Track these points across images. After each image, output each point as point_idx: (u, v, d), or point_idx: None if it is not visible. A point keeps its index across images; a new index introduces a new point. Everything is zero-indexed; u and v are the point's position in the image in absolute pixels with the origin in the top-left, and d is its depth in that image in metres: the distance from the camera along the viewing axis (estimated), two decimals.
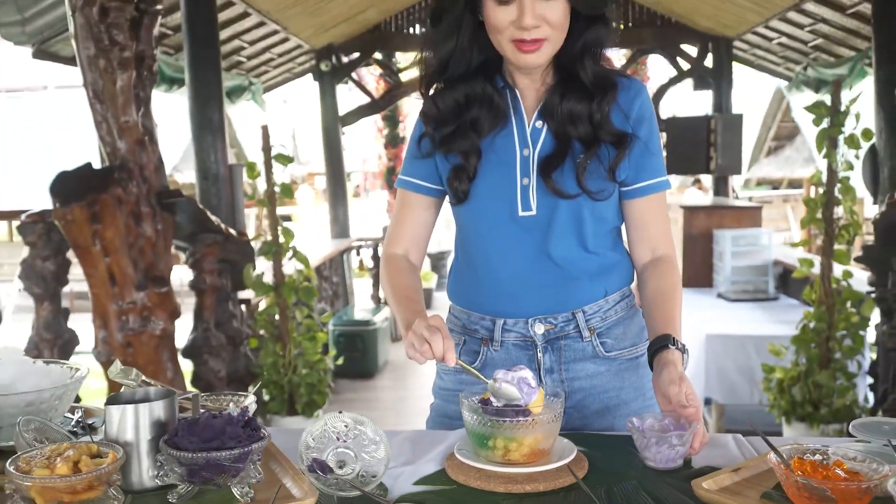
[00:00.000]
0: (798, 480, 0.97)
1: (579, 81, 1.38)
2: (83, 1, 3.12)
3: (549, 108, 1.40)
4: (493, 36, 1.35)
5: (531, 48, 1.32)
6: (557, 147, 1.39)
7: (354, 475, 1.12)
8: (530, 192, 1.39)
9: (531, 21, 1.29)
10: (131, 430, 1.10)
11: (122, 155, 3.23)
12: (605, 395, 1.45)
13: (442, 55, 1.39)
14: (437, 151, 1.44)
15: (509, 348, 1.45)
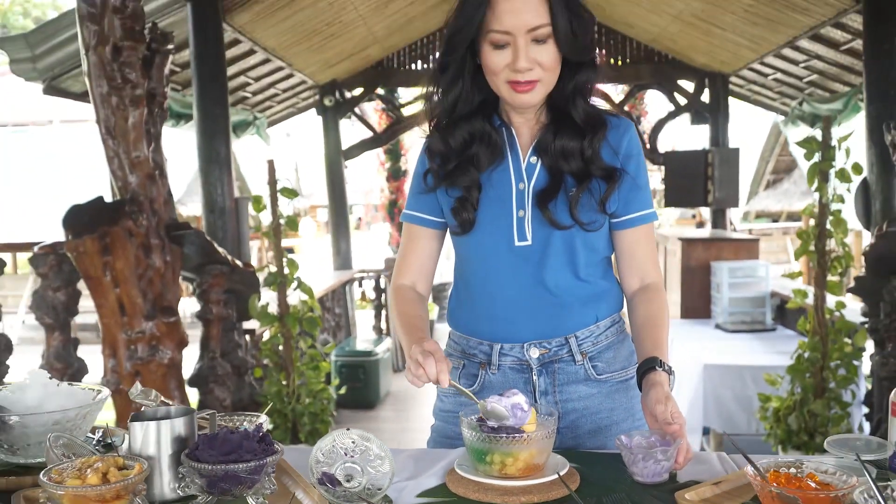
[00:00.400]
0: (772, 490, 1.05)
1: (571, 120, 1.48)
2: (96, 40, 3.23)
3: (543, 144, 1.50)
4: (491, 78, 1.45)
5: (525, 89, 1.42)
6: (551, 181, 1.48)
7: (361, 488, 1.19)
8: (526, 223, 1.48)
9: (525, 64, 1.39)
10: (154, 444, 1.18)
11: (132, 189, 3.33)
12: (597, 415, 1.53)
13: (450, 98, 1.50)
14: (440, 186, 1.53)
15: (506, 371, 1.53)
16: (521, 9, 1.37)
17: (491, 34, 1.40)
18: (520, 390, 1.31)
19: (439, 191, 1.54)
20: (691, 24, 6.39)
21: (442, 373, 1.30)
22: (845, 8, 4.74)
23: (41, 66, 5.12)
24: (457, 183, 1.51)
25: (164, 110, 3.48)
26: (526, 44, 1.39)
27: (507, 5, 1.38)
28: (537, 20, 1.38)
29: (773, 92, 7.65)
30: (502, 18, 1.38)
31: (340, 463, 1.21)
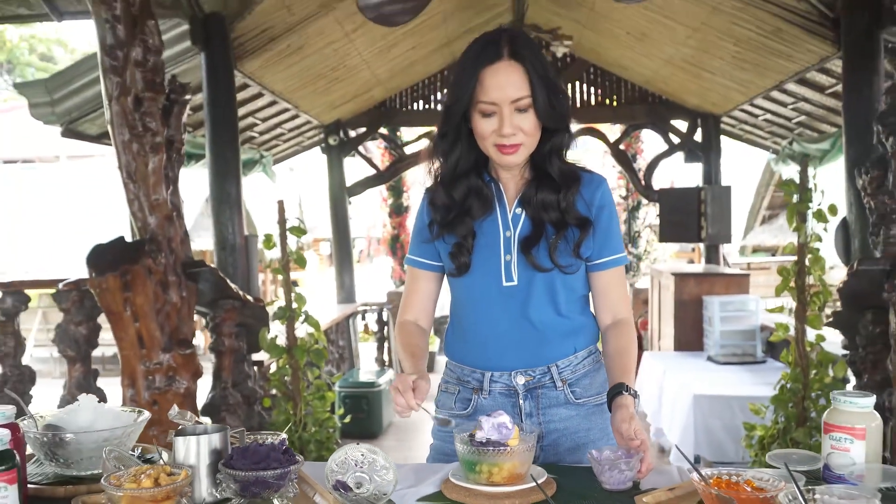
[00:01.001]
0: (713, 492, 1.26)
1: (549, 176, 1.72)
2: (119, 91, 3.48)
3: (527, 197, 1.73)
4: (480, 142, 1.69)
5: (510, 151, 1.65)
6: (533, 229, 1.72)
7: (369, 493, 1.40)
8: (512, 266, 1.71)
9: (509, 130, 1.62)
10: (194, 456, 1.40)
11: (151, 229, 3.56)
12: (575, 435, 1.74)
13: (451, 159, 1.73)
14: (441, 236, 1.76)
15: (496, 396, 1.74)
16: (505, 84, 1.60)
17: (480, 105, 1.63)
18: (507, 413, 1.52)
19: (439, 240, 1.77)
20: (682, 68, 6.67)
21: (410, 400, 1.52)
22: (827, 55, 5.00)
23: (59, 111, 5.39)
24: (455, 231, 1.74)
25: (181, 156, 3.72)
26: (510, 113, 1.62)
27: (494, 81, 1.61)
28: (519, 93, 1.61)
29: (764, 131, 7.90)
30: (489, 92, 1.61)
31: (351, 472, 1.42)
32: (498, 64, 1.61)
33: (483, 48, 1.64)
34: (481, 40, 1.67)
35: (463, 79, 1.64)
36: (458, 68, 1.68)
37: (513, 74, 1.61)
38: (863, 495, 1.22)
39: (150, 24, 3.35)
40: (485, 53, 1.63)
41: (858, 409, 1.42)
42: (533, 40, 1.70)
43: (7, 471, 1.28)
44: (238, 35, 4.78)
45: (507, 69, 1.61)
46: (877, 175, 3.29)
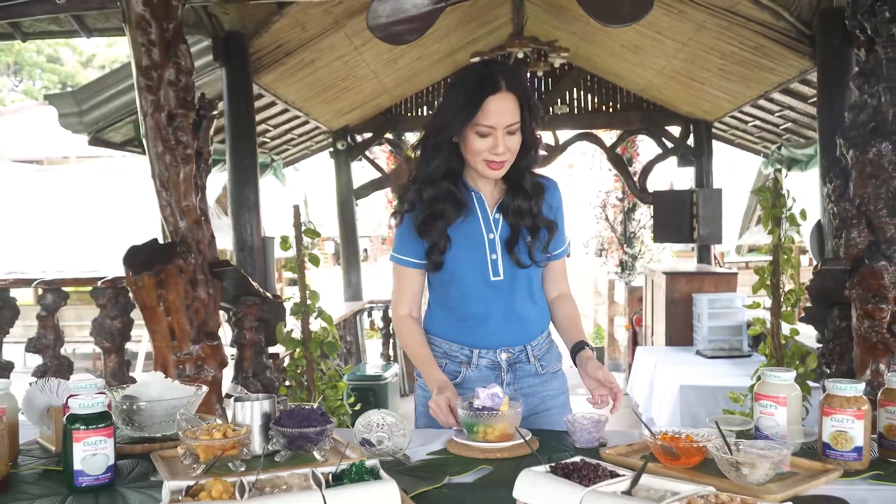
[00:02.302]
0: (658, 443, 1.61)
1: (523, 187, 2.08)
2: (153, 108, 3.82)
3: (505, 205, 2.11)
4: (471, 156, 2.02)
5: (497, 167, 2.01)
6: (511, 232, 2.09)
7: (388, 449, 1.76)
8: (498, 264, 2.09)
9: (502, 150, 1.98)
10: (249, 417, 1.75)
11: (182, 232, 3.91)
12: (539, 395, 2.15)
13: (432, 165, 2.05)
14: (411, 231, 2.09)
15: (482, 369, 2.13)
16: (502, 110, 1.95)
17: (478, 127, 1.96)
18: (492, 383, 1.91)
19: (418, 239, 2.10)
20: (673, 78, 7.02)
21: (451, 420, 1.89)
22: (806, 69, 5.34)
23: (87, 120, 5.75)
24: (428, 235, 2.07)
25: (209, 165, 4.07)
26: (503, 135, 1.97)
27: (494, 108, 1.94)
28: (513, 119, 1.97)
29: (754, 136, 8.25)
30: (489, 117, 1.94)
31: (374, 432, 1.77)
32: (498, 94, 1.94)
33: (484, 79, 1.95)
34: (479, 71, 1.99)
35: (466, 104, 1.95)
36: (459, 94, 1.98)
37: (509, 103, 1.95)
38: (776, 446, 1.57)
39: (183, 47, 3.69)
40: (487, 84, 1.94)
41: (781, 382, 1.78)
42: (521, 74, 2.08)
43: (106, 427, 1.63)
44: (256, 51, 5.13)
45: (505, 99, 1.95)
46: (839, 184, 3.62)
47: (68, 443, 1.57)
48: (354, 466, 1.48)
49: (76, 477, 1.57)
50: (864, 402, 1.63)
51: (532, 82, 8.12)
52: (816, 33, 4.88)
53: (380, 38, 4.62)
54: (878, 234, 3.52)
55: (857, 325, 3.61)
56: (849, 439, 1.61)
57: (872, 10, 3.44)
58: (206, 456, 1.61)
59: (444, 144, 2.02)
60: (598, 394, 1.94)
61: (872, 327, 3.51)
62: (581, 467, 1.44)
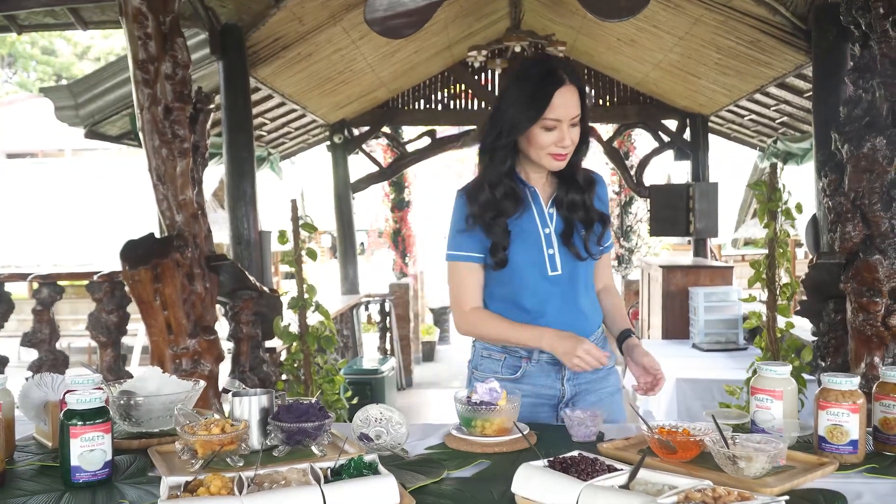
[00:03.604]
0: (655, 437, 1.62)
1: (575, 180, 2.10)
2: (150, 102, 3.81)
3: (559, 199, 2.12)
4: (536, 151, 2.02)
5: (563, 158, 2.03)
6: (566, 226, 2.10)
7: (386, 443, 1.76)
8: (556, 258, 2.09)
9: (569, 142, 2.00)
10: (247, 412, 1.75)
11: (179, 226, 3.90)
12: (597, 391, 2.16)
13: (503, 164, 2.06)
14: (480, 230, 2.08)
15: (543, 364, 2.12)
16: (569, 103, 1.97)
17: (545, 121, 1.97)
18: (550, 377, 2.06)
19: (480, 236, 2.09)
20: (670, 72, 7.02)
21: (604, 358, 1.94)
22: (801, 63, 5.35)
23: (83, 114, 5.73)
24: (492, 232, 2.07)
25: (205, 159, 4.07)
26: (568, 128, 1.98)
27: (561, 100, 1.95)
28: (577, 111, 1.99)
29: (750, 130, 8.25)
30: (556, 110, 1.96)
31: (372, 426, 1.78)
32: (563, 88, 1.96)
33: (548, 74, 1.97)
34: (540, 67, 2.00)
35: (533, 99, 1.96)
36: (524, 90, 1.98)
37: (573, 96, 1.98)
38: (773, 439, 1.58)
39: (179, 41, 3.69)
40: (552, 78, 1.96)
41: (777, 376, 1.78)
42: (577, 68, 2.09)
43: (104, 422, 1.63)
44: (253, 44, 5.12)
45: (569, 92, 1.97)
46: (834, 178, 3.64)
47: (65, 438, 1.57)
48: (353, 461, 1.48)
49: (73, 473, 1.57)
50: (860, 396, 1.64)
51: None
52: (812, 28, 4.88)
53: (377, 31, 4.62)
54: (873, 228, 3.54)
55: (851, 319, 3.62)
56: (844, 433, 1.62)
57: (867, 6, 3.45)
58: (204, 451, 1.61)
59: (512, 143, 2.04)
60: (643, 380, 2.02)
61: (867, 320, 3.53)
62: (579, 461, 1.45)
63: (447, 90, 8.31)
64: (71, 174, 14.18)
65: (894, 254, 3.48)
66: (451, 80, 8.27)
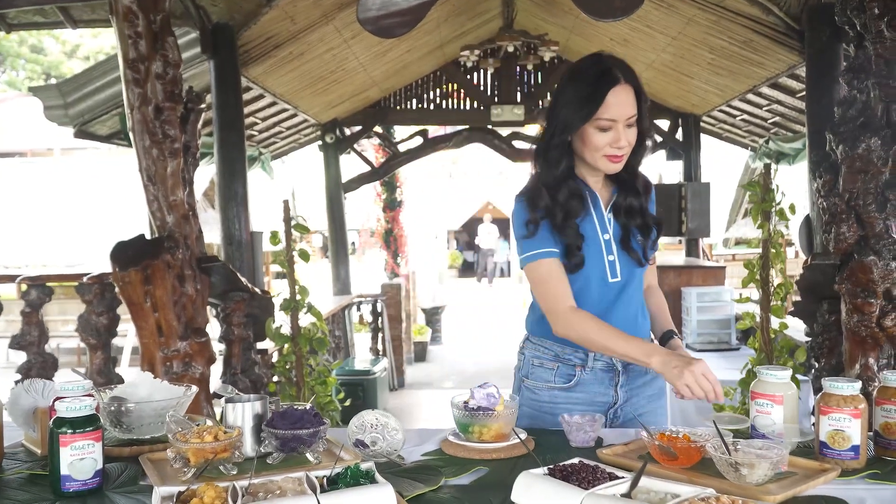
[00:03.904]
0: (655, 443, 1.60)
1: (631, 184, 2.06)
2: (140, 101, 3.77)
3: (618, 205, 2.07)
4: (590, 153, 1.97)
5: (618, 160, 1.97)
6: (623, 232, 2.06)
7: (382, 450, 1.73)
8: (616, 265, 2.05)
9: (625, 143, 1.94)
10: (241, 418, 1.72)
11: (170, 227, 3.86)
12: (644, 394, 2.15)
13: (560, 166, 1.99)
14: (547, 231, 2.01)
15: (597, 371, 2.09)
16: (624, 102, 1.92)
17: (599, 121, 1.91)
18: (604, 384, 2.03)
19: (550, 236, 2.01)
20: (663, 72, 7.01)
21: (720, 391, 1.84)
22: (794, 63, 5.34)
23: (72, 113, 5.68)
24: (565, 234, 2.01)
25: (196, 159, 4.03)
26: (624, 128, 1.93)
27: (615, 99, 1.90)
28: (633, 111, 1.93)
29: (742, 130, 8.26)
30: (611, 109, 1.90)
31: (368, 433, 1.75)
32: (618, 87, 1.90)
33: (603, 72, 1.91)
34: (594, 65, 1.94)
35: (587, 98, 1.90)
36: (578, 89, 1.93)
37: (629, 95, 1.92)
38: (774, 445, 1.56)
39: (170, 39, 3.65)
40: (606, 77, 1.90)
41: (777, 381, 1.76)
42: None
43: (94, 430, 1.60)
44: (244, 43, 5.08)
45: (625, 91, 1.92)
46: (829, 179, 3.62)
47: (55, 447, 1.54)
48: (350, 470, 1.45)
49: (63, 482, 1.54)
50: (861, 401, 1.62)
51: (521, 76, 8.09)
52: (805, 28, 4.88)
53: (370, 31, 4.57)
54: (867, 229, 3.52)
55: (846, 320, 3.61)
56: (846, 438, 1.60)
57: (861, 6, 3.43)
58: (196, 459, 1.58)
59: (566, 143, 1.98)
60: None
61: (861, 321, 3.51)
62: (580, 469, 1.42)
63: (439, 89, 8.28)
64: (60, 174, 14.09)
65: (889, 255, 3.47)
66: (444, 79, 8.24)
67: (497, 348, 10.98)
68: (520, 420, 2.10)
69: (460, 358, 10.30)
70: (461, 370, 9.49)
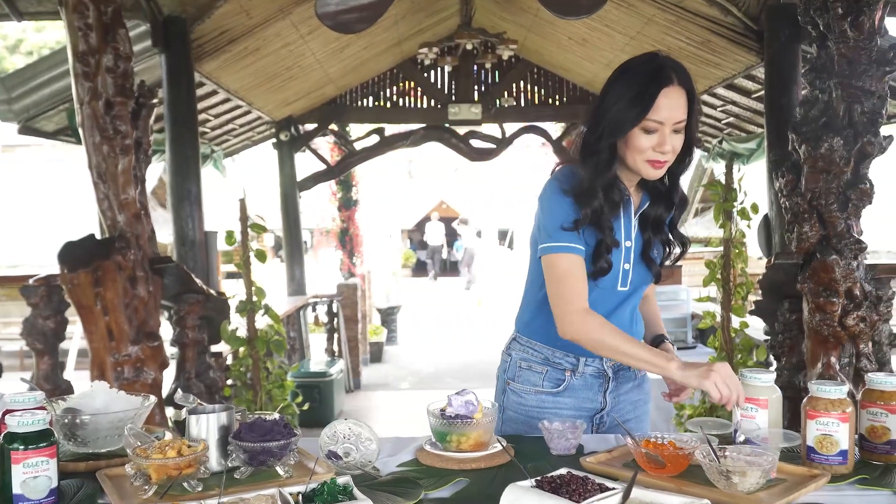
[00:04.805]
0: (642, 451, 1.54)
1: (665, 196, 1.97)
2: (90, 96, 3.63)
3: (646, 214, 1.98)
4: (633, 155, 1.85)
5: (661, 166, 1.85)
6: (645, 244, 1.98)
7: (356, 461, 1.65)
8: (629, 274, 1.96)
9: (669, 148, 1.82)
10: (205, 431, 1.62)
11: (121, 227, 3.72)
12: (631, 400, 2.11)
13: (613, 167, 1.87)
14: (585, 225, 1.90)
15: (587, 377, 2.03)
16: (674, 105, 1.79)
17: (646, 122, 1.79)
18: (594, 390, 1.97)
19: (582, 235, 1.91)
20: None
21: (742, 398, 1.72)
22: (752, 64, 5.37)
23: (17, 108, 5.46)
24: (606, 233, 1.90)
25: (148, 156, 3.89)
26: (670, 132, 1.81)
27: (666, 101, 1.78)
28: (682, 115, 1.81)
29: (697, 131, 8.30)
30: (660, 111, 1.78)
31: (341, 443, 1.66)
32: (671, 87, 1.78)
33: (655, 71, 1.79)
34: (647, 64, 1.82)
35: (638, 98, 1.78)
36: (629, 88, 1.80)
37: (680, 98, 1.80)
38: (764, 452, 1.52)
39: (121, 32, 3.51)
40: (659, 76, 1.78)
41: (762, 384, 1.73)
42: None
43: (49, 446, 1.49)
44: (197, 37, 4.93)
45: (677, 93, 1.79)
46: (791, 178, 3.63)
47: (6, 464, 1.43)
48: (326, 486, 1.37)
49: (15, 502, 1.43)
50: (849, 405, 1.59)
51: (479, 75, 8.04)
52: (764, 29, 4.91)
53: (329, 26, 4.49)
54: (829, 229, 3.54)
55: (808, 319, 3.62)
56: (834, 443, 1.57)
57: (825, 6, 3.44)
58: (158, 476, 1.48)
59: (615, 145, 1.86)
60: (674, 387, 1.95)
61: (824, 321, 3.53)
62: (569, 481, 1.36)
63: (396, 87, 8.17)
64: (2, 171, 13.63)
65: (850, 254, 3.49)
66: (401, 77, 8.14)
67: (453, 348, 10.93)
68: (504, 425, 2.05)
69: (416, 358, 10.22)
70: (417, 370, 9.41)
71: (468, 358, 10.18)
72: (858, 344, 3.54)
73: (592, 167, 1.88)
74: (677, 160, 1.88)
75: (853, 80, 3.39)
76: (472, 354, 10.35)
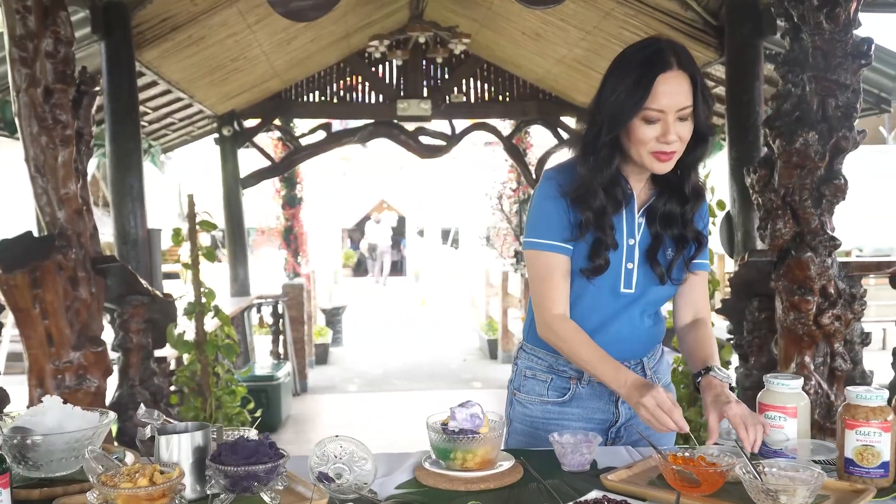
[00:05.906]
0: (674, 468, 1.40)
1: (677, 189, 1.79)
2: (28, 83, 3.35)
3: (653, 208, 1.81)
4: (636, 147, 1.69)
5: (667, 158, 1.69)
6: (653, 241, 1.80)
7: (350, 483, 1.47)
8: (633, 274, 1.79)
9: (674, 137, 1.66)
10: (177, 453, 1.43)
11: (61, 224, 3.45)
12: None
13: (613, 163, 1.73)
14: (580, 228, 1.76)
15: (594, 385, 1.85)
16: (675, 91, 1.64)
17: (646, 111, 1.65)
18: (603, 399, 1.80)
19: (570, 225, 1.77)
20: (573, 68, 6.92)
21: (681, 420, 1.59)
22: (710, 61, 5.33)
23: None
24: (605, 231, 1.75)
25: (91, 148, 3.62)
26: (674, 121, 1.65)
27: (665, 88, 1.63)
28: (686, 101, 1.65)
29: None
30: (659, 99, 1.63)
31: (331, 464, 1.48)
32: (669, 73, 1.64)
33: (652, 56, 1.66)
34: (644, 49, 1.69)
35: (634, 86, 1.65)
36: (625, 76, 1.67)
37: (682, 84, 1.65)
38: (808, 468, 1.38)
39: (62, 14, 3.25)
40: (656, 61, 1.65)
41: (790, 391, 1.60)
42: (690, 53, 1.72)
43: (2, 474, 1.28)
44: (138, 24, 4.65)
45: (676, 78, 1.64)
46: (763, 174, 3.56)
47: None
48: None
49: None
50: (890, 412, 1.47)
51: (428, 70, 7.87)
52: (724, 24, 4.86)
53: (281, 13, 4.25)
54: (803, 225, 3.47)
55: (782, 317, 3.55)
56: (876, 454, 1.45)
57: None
58: None
59: (616, 139, 1.71)
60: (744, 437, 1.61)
61: (798, 319, 3.46)
62: None
63: (343, 82, 7.95)
64: None
65: (825, 251, 3.43)
66: (348, 71, 7.92)
67: (399, 349, 10.74)
68: (509, 438, 1.89)
69: (363, 360, 10.00)
70: (364, 372, 9.20)
71: (414, 359, 10.01)
72: (833, 343, 3.49)
73: (591, 164, 1.75)
74: (688, 149, 1.73)
75: (828, 73, 3.33)
76: (418, 355, 10.18)
